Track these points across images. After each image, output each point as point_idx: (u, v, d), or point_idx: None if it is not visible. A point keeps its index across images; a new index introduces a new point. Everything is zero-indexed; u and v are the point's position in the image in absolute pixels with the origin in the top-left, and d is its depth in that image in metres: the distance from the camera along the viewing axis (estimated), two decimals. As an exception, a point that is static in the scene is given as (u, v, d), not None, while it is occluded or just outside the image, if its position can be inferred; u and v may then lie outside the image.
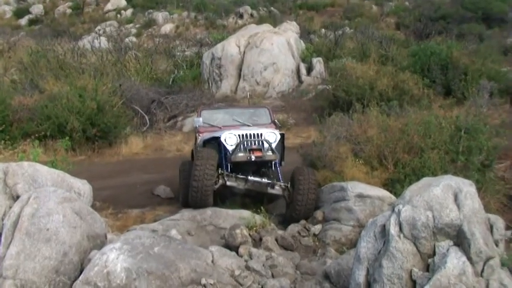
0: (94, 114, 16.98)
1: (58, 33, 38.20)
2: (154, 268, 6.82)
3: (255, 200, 10.57)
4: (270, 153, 10.09)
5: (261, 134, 10.33)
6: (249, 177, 10.11)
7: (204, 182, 9.57)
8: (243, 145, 10.11)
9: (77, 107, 16.85)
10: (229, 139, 10.25)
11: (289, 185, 10.22)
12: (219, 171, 10.11)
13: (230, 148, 10.16)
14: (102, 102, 17.42)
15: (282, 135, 10.77)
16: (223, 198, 10.60)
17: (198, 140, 11.65)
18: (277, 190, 10.26)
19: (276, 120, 12.13)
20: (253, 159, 10.00)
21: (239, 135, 10.27)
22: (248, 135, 10.28)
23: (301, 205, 9.85)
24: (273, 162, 10.48)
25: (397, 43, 28.19)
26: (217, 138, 10.54)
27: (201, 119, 11.79)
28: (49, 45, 28.05)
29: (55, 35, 36.95)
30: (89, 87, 18.14)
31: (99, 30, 41.55)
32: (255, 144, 10.19)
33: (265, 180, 10.22)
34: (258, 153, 10.04)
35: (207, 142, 11.06)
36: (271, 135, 10.37)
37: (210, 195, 9.77)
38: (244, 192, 10.44)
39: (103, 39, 33.55)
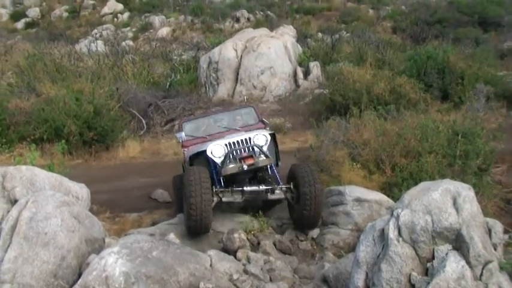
0: (91, 117, 16.96)
1: (55, 37, 38.20)
2: (153, 272, 6.81)
3: (252, 204, 10.14)
4: (262, 158, 9.36)
5: (250, 139, 9.57)
6: (245, 188, 9.29)
7: (203, 197, 8.65)
8: (232, 154, 9.39)
9: (73, 110, 16.82)
10: (216, 151, 9.49)
11: (291, 186, 9.44)
12: (213, 188, 9.16)
13: (219, 160, 9.42)
14: (99, 106, 17.40)
15: (273, 135, 10.15)
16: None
17: (184, 156, 10.90)
18: (278, 194, 9.49)
19: (263, 119, 11.40)
20: (245, 169, 9.21)
21: (226, 144, 9.51)
22: (236, 142, 9.53)
23: (311, 205, 9.04)
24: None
25: (394, 47, 28.25)
26: (204, 153, 9.72)
27: (183, 133, 11.00)
28: (46, 49, 28.00)
29: (51, 38, 36.95)
30: (86, 90, 18.14)
31: (96, 33, 41.64)
32: (245, 151, 9.44)
33: (263, 186, 9.36)
34: (250, 161, 9.26)
35: (194, 158, 10.16)
36: (261, 138, 9.62)
37: (210, 212, 8.78)
38: (244, 204, 9.92)
39: (100, 42, 33.62)
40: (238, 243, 8.63)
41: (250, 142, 9.54)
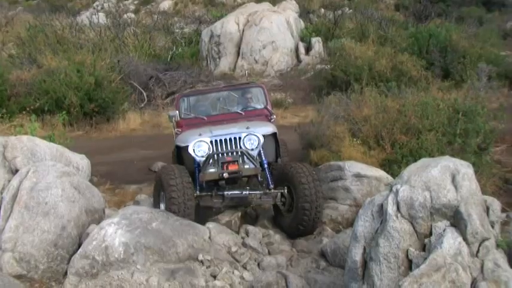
0: (92, 89, 17.00)
1: (56, 8, 37.99)
2: (152, 243, 6.88)
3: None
4: (248, 166, 8.21)
5: (239, 139, 8.39)
6: (226, 193, 8.19)
7: (186, 207, 7.81)
8: (216, 156, 8.23)
9: (75, 82, 16.85)
10: (199, 148, 8.36)
11: (285, 191, 8.42)
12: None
13: (200, 160, 8.29)
14: (100, 78, 17.42)
15: (274, 135, 9.06)
16: None
17: (175, 139, 9.59)
18: (266, 201, 8.49)
19: (269, 107, 10.09)
20: (226, 177, 8.09)
21: (212, 141, 8.37)
22: (224, 141, 8.38)
23: (309, 221, 8.16)
24: (263, 166, 8.57)
25: (396, 24, 28.15)
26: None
27: (177, 112, 9.74)
28: (47, 20, 27.94)
29: (53, 10, 36.74)
30: (87, 62, 18.12)
31: (97, 5, 41.35)
32: (229, 155, 8.28)
33: (246, 192, 8.27)
34: (234, 167, 8.12)
35: (181, 149, 9.03)
36: (252, 140, 8.44)
37: (191, 207, 7.93)
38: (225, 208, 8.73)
39: (101, 15, 33.44)
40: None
41: (239, 144, 8.39)
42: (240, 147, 8.35)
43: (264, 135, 8.63)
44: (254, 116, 9.72)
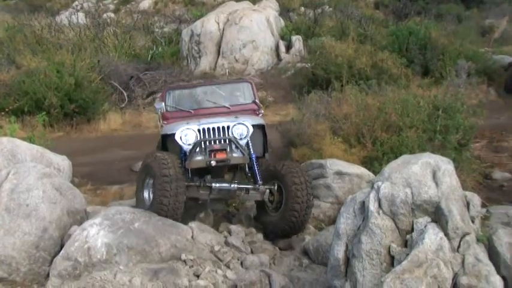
0: (72, 90, 16.88)
1: (35, 8, 37.60)
2: (135, 243, 6.87)
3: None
4: (236, 154, 8.04)
5: (228, 128, 8.17)
6: (214, 185, 7.94)
7: (177, 201, 7.57)
8: (204, 144, 8.00)
9: (54, 82, 16.73)
10: (186, 136, 8.07)
11: (275, 188, 8.25)
12: None
13: (187, 148, 8.03)
14: (80, 78, 17.31)
15: (262, 127, 8.73)
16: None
17: (161, 131, 9.30)
18: (253, 196, 8.31)
19: (257, 100, 9.75)
20: (213, 164, 7.87)
21: (199, 129, 8.11)
22: (211, 129, 8.14)
23: (298, 216, 7.96)
24: (251, 158, 8.26)
25: (376, 22, 28.22)
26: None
27: (163, 103, 9.42)
28: (26, 20, 27.73)
29: (31, 9, 36.39)
30: (67, 62, 18.01)
31: (77, 5, 41.03)
32: (217, 142, 8.07)
33: (234, 185, 8.08)
34: (221, 155, 7.93)
35: (166, 138, 8.77)
36: (241, 129, 8.20)
37: (182, 201, 7.69)
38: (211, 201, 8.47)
39: (81, 14, 33.16)
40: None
41: (227, 132, 8.15)
42: (228, 135, 8.10)
43: (253, 126, 8.33)
44: (241, 111, 9.34)
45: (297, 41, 25.31)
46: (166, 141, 8.72)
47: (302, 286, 7.01)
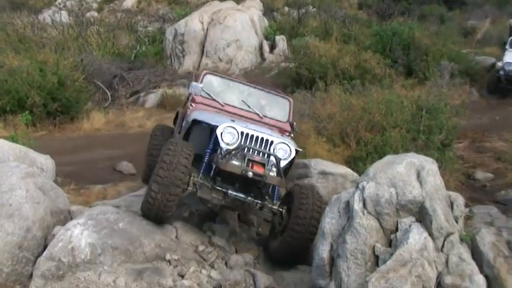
0: (55, 88, 16.72)
1: (17, 6, 37.30)
2: (119, 243, 6.83)
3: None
4: (273, 174, 7.37)
5: (272, 143, 7.49)
6: (230, 192, 7.42)
7: (175, 173, 6.91)
8: (243, 151, 7.32)
9: (37, 81, 16.57)
10: (227, 135, 7.40)
11: (284, 211, 7.63)
12: (192, 175, 7.39)
13: (224, 147, 7.36)
14: (64, 77, 17.16)
15: (297, 152, 7.82)
16: None
17: (189, 112, 8.66)
18: (265, 213, 7.76)
19: (294, 122, 9.27)
20: (249, 176, 7.15)
21: (242, 133, 7.43)
22: (254, 137, 7.46)
23: (299, 238, 7.29)
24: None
25: (360, 22, 28.36)
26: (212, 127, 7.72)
27: (201, 85, 8.87)
28: (8, 19, 27.50)
29: (14, 8, 36.10)
30: (50, 61, 17.85)
31: (60, 4, 40.76)
32: (259, 154, 7.39)
33: (251, 199, 7.50)
34: (259, 169, 7.21)
35: (196, 123, 8.11)
36: (285, 149, 7.53)
37: (175, 200, 7.11)
38: (220, 208, 8.10)
39: (64, 13, 32.93)
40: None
41: (270, 147, 7.48)
42: (271, 151, 7.46)
43: (296, 150, 7.71)
44: (272, 126, 8.86)
45: (281, 40, 25.36)
46: (197, 128, 8.19)
47: (286, 286, 7.03)
